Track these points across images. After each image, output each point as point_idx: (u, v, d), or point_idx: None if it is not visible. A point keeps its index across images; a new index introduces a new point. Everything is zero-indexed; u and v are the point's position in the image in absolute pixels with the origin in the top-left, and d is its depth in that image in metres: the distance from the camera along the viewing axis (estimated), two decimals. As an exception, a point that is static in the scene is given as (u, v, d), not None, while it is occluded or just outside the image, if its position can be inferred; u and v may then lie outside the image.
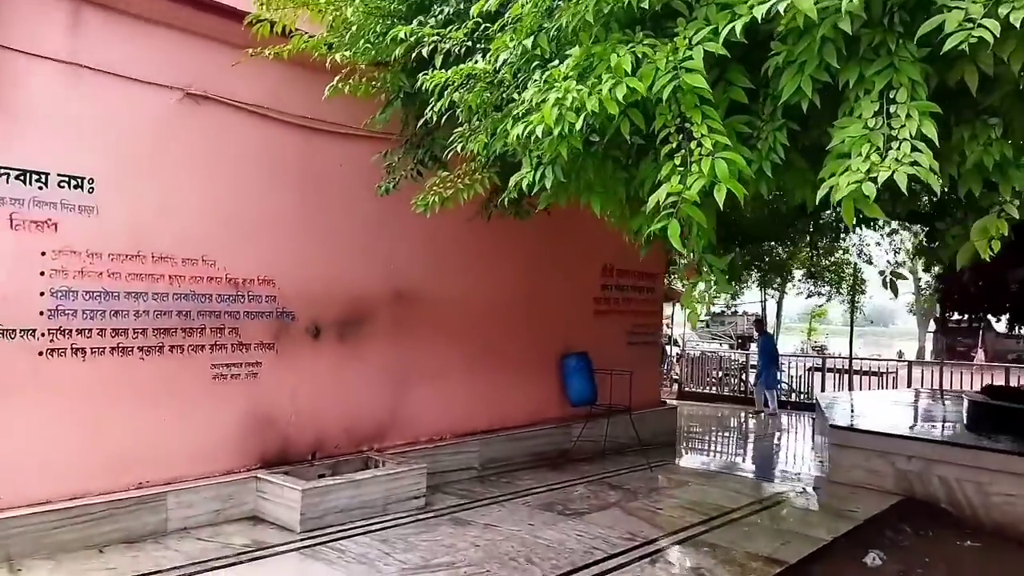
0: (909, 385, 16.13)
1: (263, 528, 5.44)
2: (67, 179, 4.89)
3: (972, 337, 41.13)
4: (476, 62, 3.27)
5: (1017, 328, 9.43)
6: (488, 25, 3.47)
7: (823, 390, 16.33)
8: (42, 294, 4.80)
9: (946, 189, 3.13)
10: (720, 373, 18.53)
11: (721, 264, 2.80)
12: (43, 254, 4.81)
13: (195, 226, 5.51)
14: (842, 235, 14.31)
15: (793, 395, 17.43)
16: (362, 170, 6.45)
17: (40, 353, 4.78)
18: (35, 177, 4.78)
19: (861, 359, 16.90)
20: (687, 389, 17.52)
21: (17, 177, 4.71)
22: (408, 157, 4.96)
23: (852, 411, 9.38)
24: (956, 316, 10.44)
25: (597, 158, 3.02)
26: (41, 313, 4.79)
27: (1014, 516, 6.59)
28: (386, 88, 4.51)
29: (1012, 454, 6.66)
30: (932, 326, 41.00)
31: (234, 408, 5.73)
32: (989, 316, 9.89)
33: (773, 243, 13.11)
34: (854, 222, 2.70)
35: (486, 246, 7.56)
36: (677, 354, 19.49)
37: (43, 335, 4.79)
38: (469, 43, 3.54)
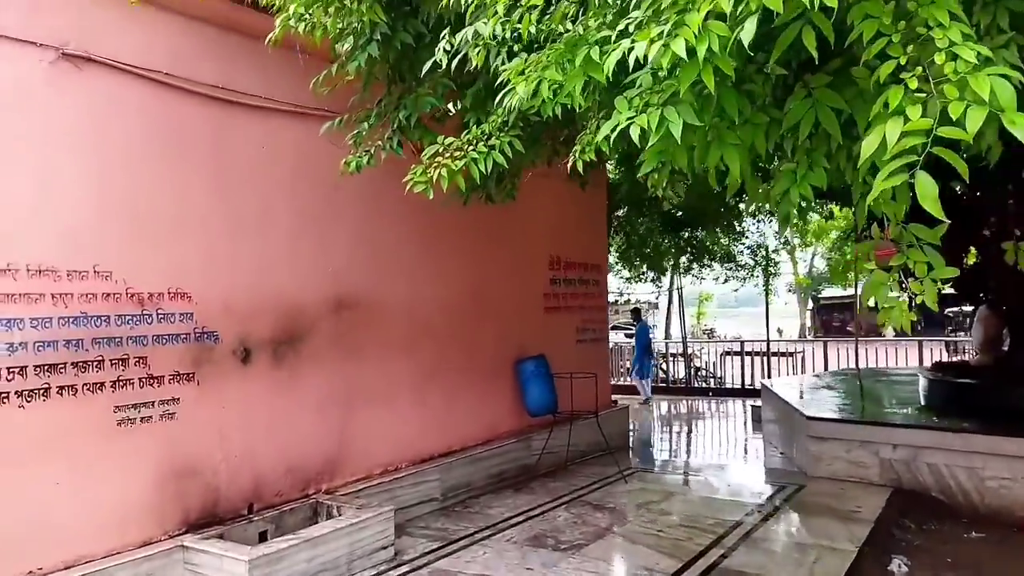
0: (825, 365, 16.31)
1: (200, 614, 4.22)
2: None
3: (845, 312, 43.87)
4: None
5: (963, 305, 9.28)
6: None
7: (743, 375, 16.27)
8: None
9: None
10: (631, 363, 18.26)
11: (934, 238, 1.97)
12: None
13: (82, 227, 4.19)
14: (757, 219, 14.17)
15: (712, 381, 17.36)
16: (289, 151, 5.35)
17: None
18: None
19: (777, 341, 16.96)
20: (605, 382, 17.07)
21: None
22: (381, 123, 3.87)
23: (816, 399, 9.01)
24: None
25: (733, 94, 2.13)
26: None
27: (1011, 500, 6.27)
28: (355, 30, 3.41)
29: (1005, 436, 6.34)
30: (811, 304, 43.26)
31: (147, 460, 4.45)
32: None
33: (694, 229, 12.71)
34: None
35: (432, 240, 6.53)
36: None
37: None
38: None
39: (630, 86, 2.21)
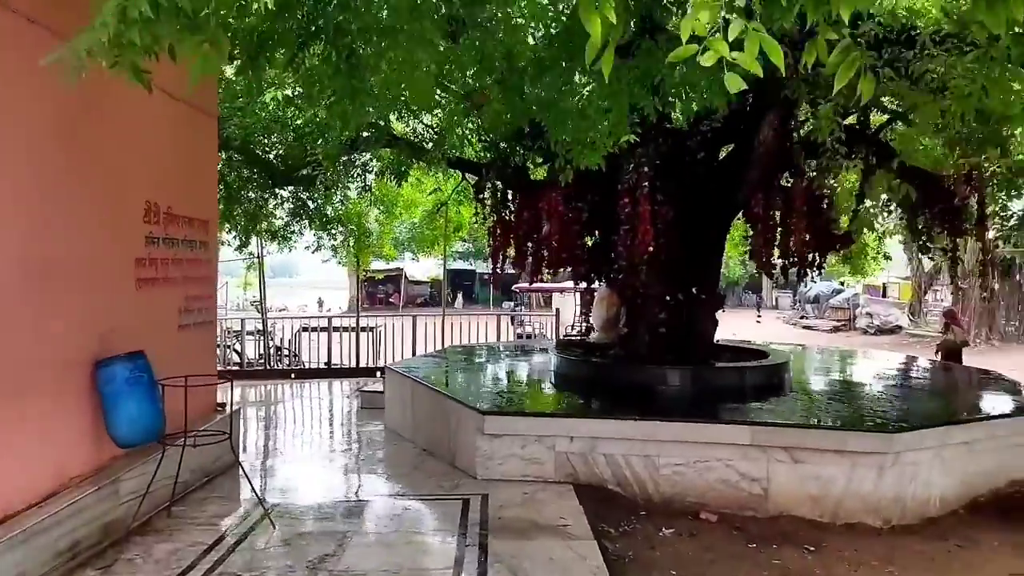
0: (413, 341, 15.73)
1: None
2: None
3: (389, 285, 46.09)
4: None
5: (585, 284, 9.29)
6: None
7: (329, 353, 14.81)
8: None
9: None
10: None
11: None
12: None
13: None
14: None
15: (288, 361, 15.66)
16: None
17: None
18: None
19: (361, 315, 15.92)
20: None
21: None
22: None
23: (456, 386, 8.03)
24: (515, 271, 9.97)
25: None
26: None
27: (683, 486, 6.14)
28: None
29: (688, 423, 6.17)
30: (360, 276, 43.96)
31: None
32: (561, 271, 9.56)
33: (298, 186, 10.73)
34: None
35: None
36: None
37: None
38: None
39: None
